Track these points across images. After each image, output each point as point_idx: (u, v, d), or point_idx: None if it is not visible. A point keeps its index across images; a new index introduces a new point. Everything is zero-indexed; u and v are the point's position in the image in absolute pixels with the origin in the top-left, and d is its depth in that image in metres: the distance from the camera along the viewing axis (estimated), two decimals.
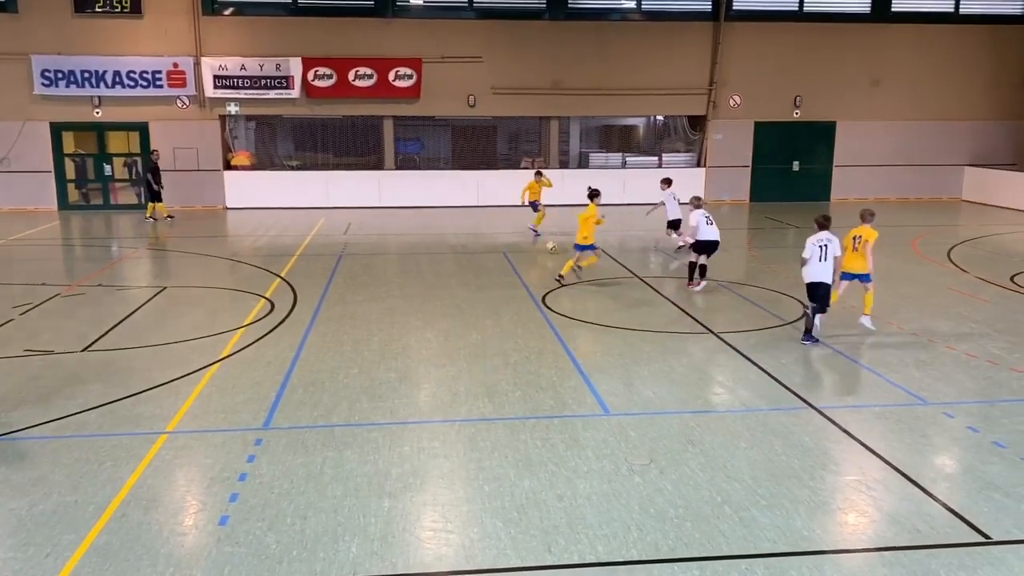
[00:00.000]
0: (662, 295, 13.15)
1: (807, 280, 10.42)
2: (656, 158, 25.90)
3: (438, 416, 8.05)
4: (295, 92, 23.38)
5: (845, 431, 7.64)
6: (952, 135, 25.84)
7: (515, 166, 25.58)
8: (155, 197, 21.59)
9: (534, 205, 19.41)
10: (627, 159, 25.78)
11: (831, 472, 6.85)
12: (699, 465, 6.92)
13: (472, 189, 24.65)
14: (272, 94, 23.34)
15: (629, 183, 25.02)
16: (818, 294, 10.32)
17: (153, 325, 11.44)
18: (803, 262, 10.41)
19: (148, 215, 21.64)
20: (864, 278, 10.79)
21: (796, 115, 25.35)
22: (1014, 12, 25.47)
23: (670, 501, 6.29)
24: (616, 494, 6.40)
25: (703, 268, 13.62)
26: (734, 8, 24.48)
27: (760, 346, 10.30)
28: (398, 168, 24.93)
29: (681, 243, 16.27)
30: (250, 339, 10.63)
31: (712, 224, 13.41)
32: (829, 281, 10.34)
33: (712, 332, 10.96)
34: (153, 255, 17.37)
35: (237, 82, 23.15)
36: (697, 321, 11.52)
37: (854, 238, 10.80)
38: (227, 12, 23.16)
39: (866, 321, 10.92)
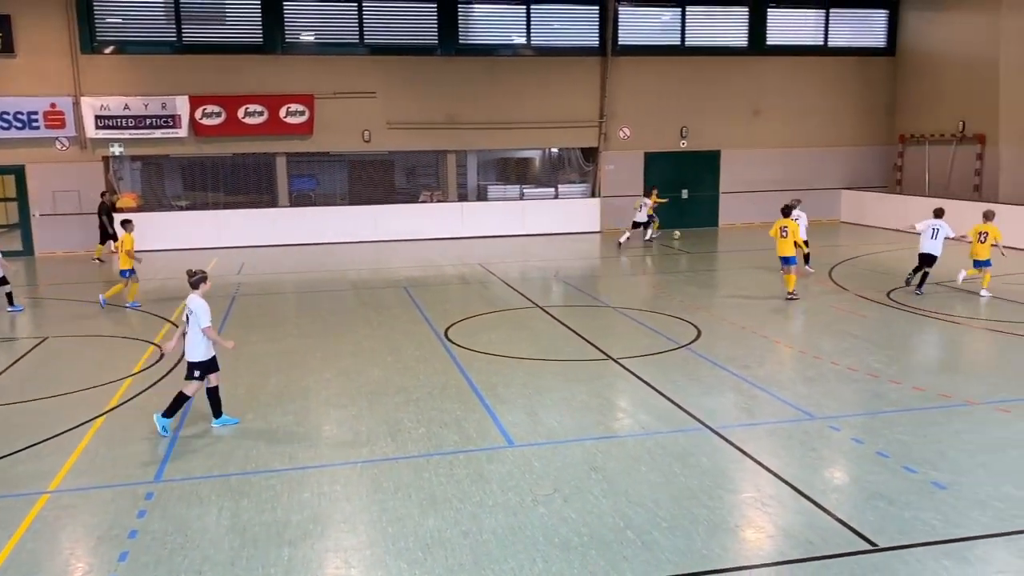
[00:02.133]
0: (563, 324, 13.32)
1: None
2: (552, 189, 26.37)
3: (339, 459, 7.89)
4: (182, 131, 22.78)
5: (740, 449, 7.89)
6: (828, 160, 27.32)
7: (414, 200, 25.58)
8: (105, 238, 21.15)
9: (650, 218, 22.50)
10: (524, 191, 26.16)
11: (728, 491, 7.05)
12: (602, 491, 7.00)
13: (370, 224, 24.48)
14: (158, 133, 22.67)
15: (527, 214, 25.42)
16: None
17: (34, 378, 10.83)
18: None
19: (96, 256, 21.32)
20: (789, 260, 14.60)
21: (683, 145, 26.32)
22: (878, 45, 27.26)
23: (574, 529, 6.34)
24: (521, 526, 6.40)
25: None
26: (620, 43, 25.32)
27: (657, 369, 10.55)
28: (293, 205, 24.54)
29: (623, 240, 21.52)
30: (139, 388, 10.20)
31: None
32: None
33: (611, 358, 11.17)
34: (33, 303, 16.47)
35: (120, 122, 22.38)
36: (597, 348, 11.72)
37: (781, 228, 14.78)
38: (107, 51, 22.42)
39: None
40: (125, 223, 15.74)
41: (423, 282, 17.67)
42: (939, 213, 15.63)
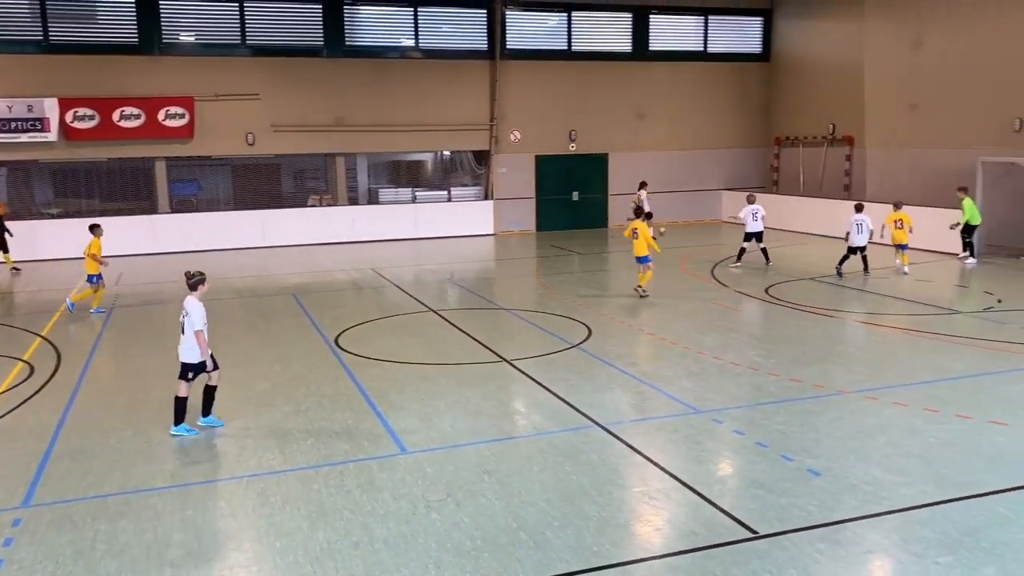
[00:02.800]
0: (457, 327, 13.30)
1: None
2: (445, 192, 26.32)
3: (224, 474, 7.64)
4: (52, 135, 21.57)
5: (628, 445, 8.07)
6: (709, 162, 28.31)
7: (302, 204, 25.04)
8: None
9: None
10: (417, 194, 26.01)
11: (617, 486, 7.20)
12: (495, 494, 7.03)
13: (257, 229, 23.81)
14: (24, 137, 21.39)
15: (420, 217, 25.29)
16: None
17: None
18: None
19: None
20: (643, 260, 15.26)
21: (572, 148, 26.74)
22: (753, 51, 28.45)
23: (467, 534, 6.33)
24: (414, 534, 6.35)
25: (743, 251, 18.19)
26: (508, 47, 25.52)
27: (549, 369, 10.67)
28: (174, 211, 23.62)
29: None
30: (6, 407, 9.59)
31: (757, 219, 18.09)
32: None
33: (505, 360, 11.23)
34: None
35: None
36: (490, 350, 11.76)
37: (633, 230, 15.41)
38: None
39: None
40: (93, 227, 15.31)
41: (313, 288, 17.32)
42: (860, 208, 17.53)
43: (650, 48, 27.14)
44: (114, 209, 23.12)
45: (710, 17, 27.78)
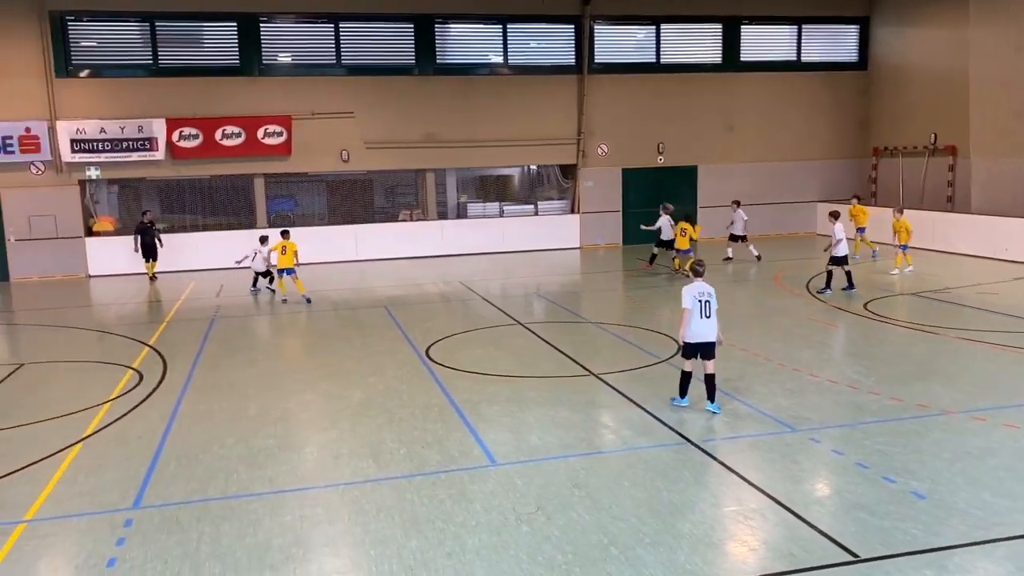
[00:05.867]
0: (544, 340, 13.33)
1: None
2: (532, 206, 26.47)
3: (320, 481, 7.84)
4: (159, 154, 22.68)
5: (722, 463, 7.91)
6: (803, 174, 27.61)
7: (393, 219, 25.59)
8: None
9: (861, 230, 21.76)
10: (504, 208, 26.23)
11: (710, 505, 7.07)
12: (585, 508, 7.00)
13: (350, 243, 24.45)
14: (135, 156, 22.55)
15: (507, 231, 25.50)
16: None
17: (9, 405, 10.68)
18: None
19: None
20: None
21: (660, 161, 26.51)
22: (850, 59, 27.66)
23: (558, 547, 6.32)
24: (505, 545, 6.38)
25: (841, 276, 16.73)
26: (596, 61, 25.54)
27: (639, 384, 10.58)
28: (271, 226, 24.41)
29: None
30: (117, 414, 10.09)
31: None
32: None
33: (593, 374, 11.19)
34: (7, 330, 16.29)
35: (96, 145, 22.25)
36: (578, 364, 11.73)
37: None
38: (83, 74, 22.32)
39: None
40: (285, 232, 18.21)
41: (404, 301, 17.64)
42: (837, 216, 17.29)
43: (741, 59, 26.71)
44: (215, 224, 24.12)
45: (804, 26, 27.16)
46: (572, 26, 25.30)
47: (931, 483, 7.30)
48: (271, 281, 18.77)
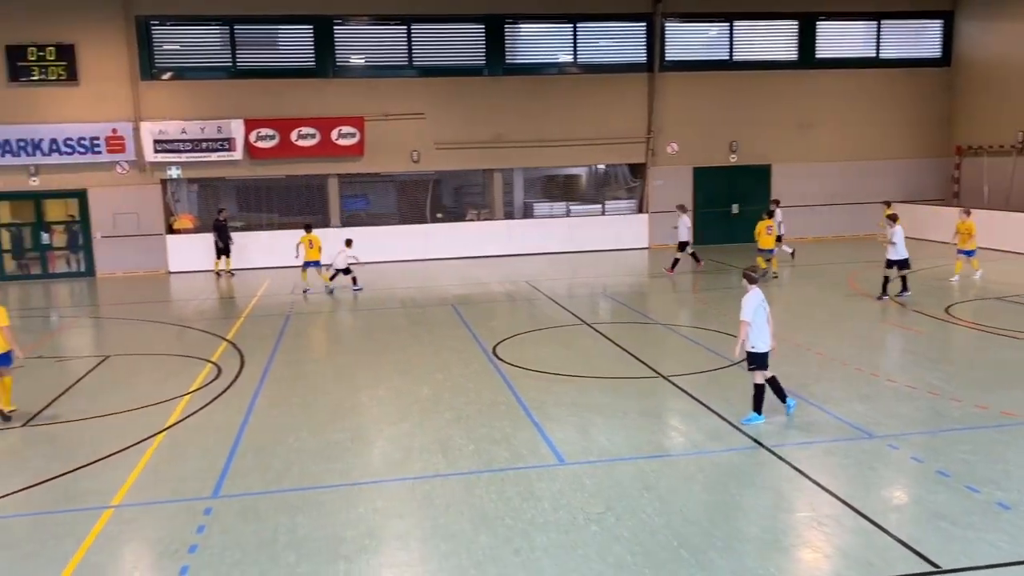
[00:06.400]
0: (611, 341, 13.26)
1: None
2: (599, 206, 26.35)
3: (392, 475, 7.97)
4: (237, 154, 23.33)
5: (795, 468, 7.76)
6: (880, 173, 26.82)
7: (461, 218, 25.80)
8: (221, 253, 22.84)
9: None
10: (570, 208, 26.19)
11: (783, 510, 6.95)
12: (655, 510, 6.95)
13: (419, 242, 24.74)
14: (214, 156, 23.24)
15: (574, 231, 25.45)
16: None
17: (96, 396, 11.14)
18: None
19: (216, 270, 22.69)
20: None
21: (733, 159, 26.09)
22: (931, 56, 26.77)
23: (628, 548, 6.30)
24: (573, 544, 6.39)
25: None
26: (667, 59, 25.28)
27: (709, 387, 10.44)
28: (344, 225, 24.88)
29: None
30: (197, 405, 10.43)
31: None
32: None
33: (661, 375, 11.09)
34: (95, 323, 16.99)
35: (178, 145, 23.02)
36: (646, 365, 11.65)
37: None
38: (165, 77, 23.12)
39: None
40: (308, 227, 19.82)
41: (471, 300, 17.77)
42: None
43: (817, 56, 26.10)
44: (290, 223, 24.66)
45: (883, 22, 26.38)
46: (643, 24, 25.10)
47: (1017, 494, 7.03)
48: (354, 281, 19.10)
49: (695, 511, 6.91)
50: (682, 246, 20.24)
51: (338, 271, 19.28)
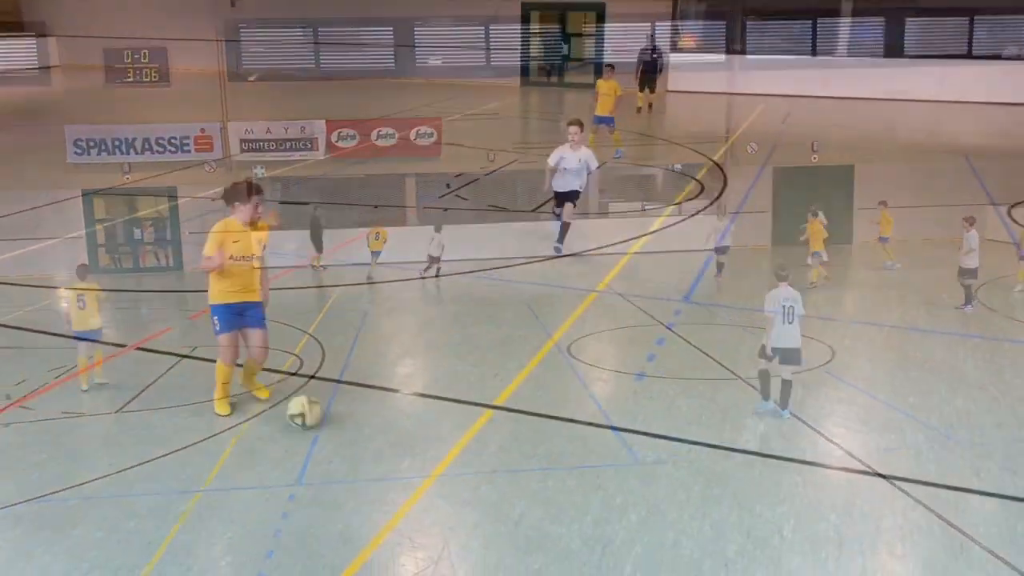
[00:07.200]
0: (688, 342, 12.94)
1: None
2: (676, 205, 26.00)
3: (468, 469, 8.05)
4: (319, 153, 23.88)
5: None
6: (972, 172, 25.73)
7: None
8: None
9: None
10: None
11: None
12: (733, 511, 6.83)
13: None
14: (297, 156, 23.85)
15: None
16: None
17: (184, 385, 11.52)
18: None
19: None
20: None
21: (814, 159, 25.40)
22: None
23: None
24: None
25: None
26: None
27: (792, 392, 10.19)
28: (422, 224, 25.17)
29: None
30: (280, 396, 10.68)
31: None
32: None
33: (740, 378, 10.82)
34: (183, 316, 17.55)
35: (263, 145, 23.70)
36: (725, 367, 11.39)
37: None
38: (252, 78, 23.85)
39: None
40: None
41: (547, 298, 17.63)
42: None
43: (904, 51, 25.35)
44: (370, 221, 25.03)
45: (975, 17, 25.43)
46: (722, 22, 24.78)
47: None
48: (437, 272, 18.92)
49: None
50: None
51: (432, 258, 18.82)
